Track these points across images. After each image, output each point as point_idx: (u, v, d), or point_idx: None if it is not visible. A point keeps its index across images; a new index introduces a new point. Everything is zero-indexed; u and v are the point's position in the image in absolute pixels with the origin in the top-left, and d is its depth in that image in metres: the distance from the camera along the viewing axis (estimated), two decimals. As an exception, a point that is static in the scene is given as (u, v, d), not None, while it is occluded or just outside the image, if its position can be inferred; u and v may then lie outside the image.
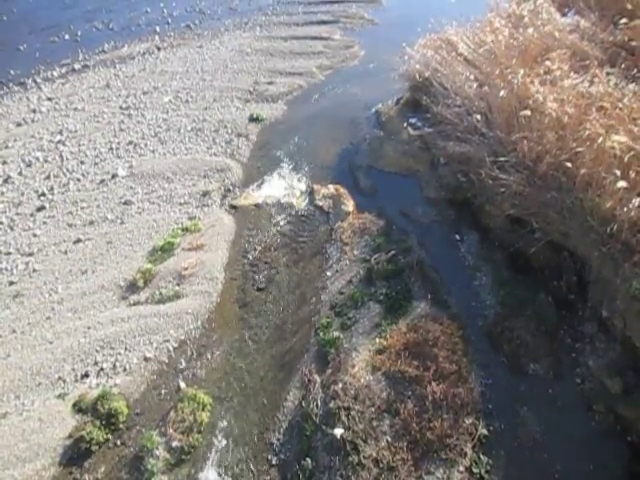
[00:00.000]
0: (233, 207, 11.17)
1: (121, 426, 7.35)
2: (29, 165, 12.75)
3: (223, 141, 13.17)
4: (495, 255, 8.91)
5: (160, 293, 9.17)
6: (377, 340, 7.80)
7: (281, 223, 10.56)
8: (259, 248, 10.01)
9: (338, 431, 6.68)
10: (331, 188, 11.22)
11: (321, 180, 11.59)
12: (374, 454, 6.44)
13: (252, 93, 15.18)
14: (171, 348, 8.32)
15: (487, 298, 8.31)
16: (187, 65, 16.82)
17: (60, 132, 13.89)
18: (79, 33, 19.09)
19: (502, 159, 8.75)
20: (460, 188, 10.07)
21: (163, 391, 7.78)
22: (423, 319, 7.94)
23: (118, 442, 7.24)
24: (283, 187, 11.57)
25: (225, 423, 7.28)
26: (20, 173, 12.54)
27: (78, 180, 12.21)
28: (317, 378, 7.53)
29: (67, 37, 18.91)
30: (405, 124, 12.38)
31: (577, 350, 7.40)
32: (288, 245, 10.00)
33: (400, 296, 8.39)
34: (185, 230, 10.52)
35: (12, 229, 10.98)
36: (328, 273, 9.25)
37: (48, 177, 12.33)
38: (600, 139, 7.37)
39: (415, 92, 12.77)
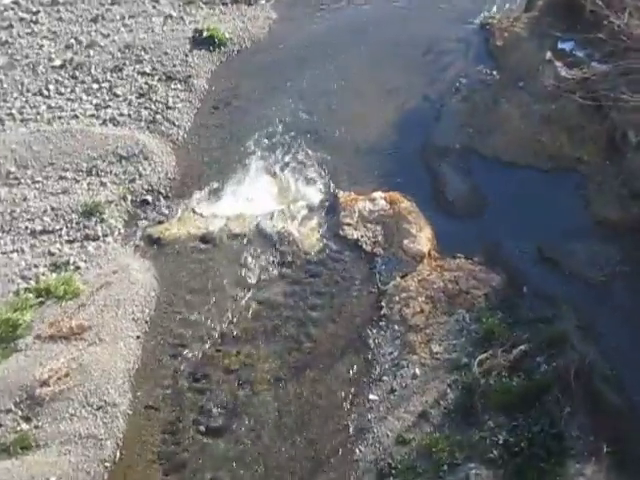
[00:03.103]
0: (154, 241, 11.82)
1: None
2: None
3: (133, 92, 14.04)
4: None
5: (-14, 438, 9.66)
6: None
7: (264, 279, 11.09)
8: (213, 336, 10.46)
9: None
10: (379, 199, 11.82)
11: (356, 181, 12.24)
12: None
13: (200, -16, 16.25)
14: None
15: None
16: None
17: None
18: None
19: None
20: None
21: None
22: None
23: None
24: (269, 196, 12.25)
25: None
26: None
27: None
28: None
29: None
30: (548, 54, 13.05)
31: None
32: (278, 331, 10.44)
33: (539, 449, 8.65)
34: (44, 294, 11.13)
35: None
36: (372, 396, 9.65)
37: None
38: None
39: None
